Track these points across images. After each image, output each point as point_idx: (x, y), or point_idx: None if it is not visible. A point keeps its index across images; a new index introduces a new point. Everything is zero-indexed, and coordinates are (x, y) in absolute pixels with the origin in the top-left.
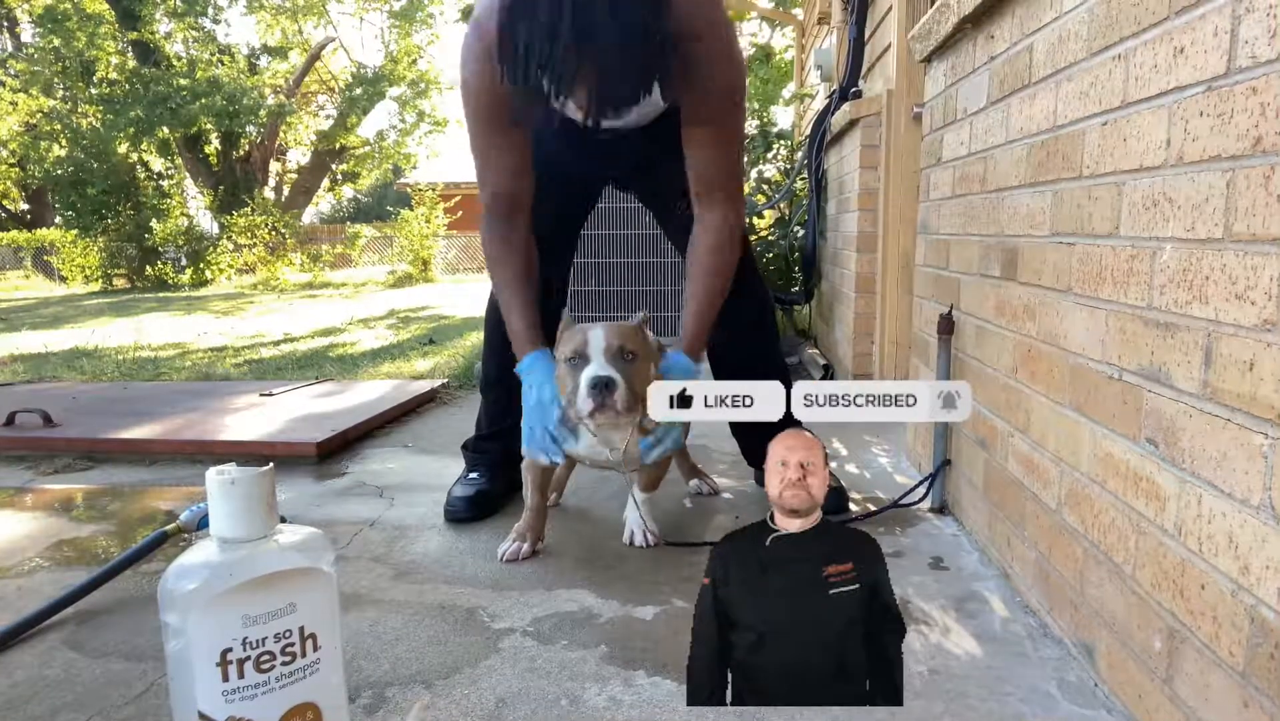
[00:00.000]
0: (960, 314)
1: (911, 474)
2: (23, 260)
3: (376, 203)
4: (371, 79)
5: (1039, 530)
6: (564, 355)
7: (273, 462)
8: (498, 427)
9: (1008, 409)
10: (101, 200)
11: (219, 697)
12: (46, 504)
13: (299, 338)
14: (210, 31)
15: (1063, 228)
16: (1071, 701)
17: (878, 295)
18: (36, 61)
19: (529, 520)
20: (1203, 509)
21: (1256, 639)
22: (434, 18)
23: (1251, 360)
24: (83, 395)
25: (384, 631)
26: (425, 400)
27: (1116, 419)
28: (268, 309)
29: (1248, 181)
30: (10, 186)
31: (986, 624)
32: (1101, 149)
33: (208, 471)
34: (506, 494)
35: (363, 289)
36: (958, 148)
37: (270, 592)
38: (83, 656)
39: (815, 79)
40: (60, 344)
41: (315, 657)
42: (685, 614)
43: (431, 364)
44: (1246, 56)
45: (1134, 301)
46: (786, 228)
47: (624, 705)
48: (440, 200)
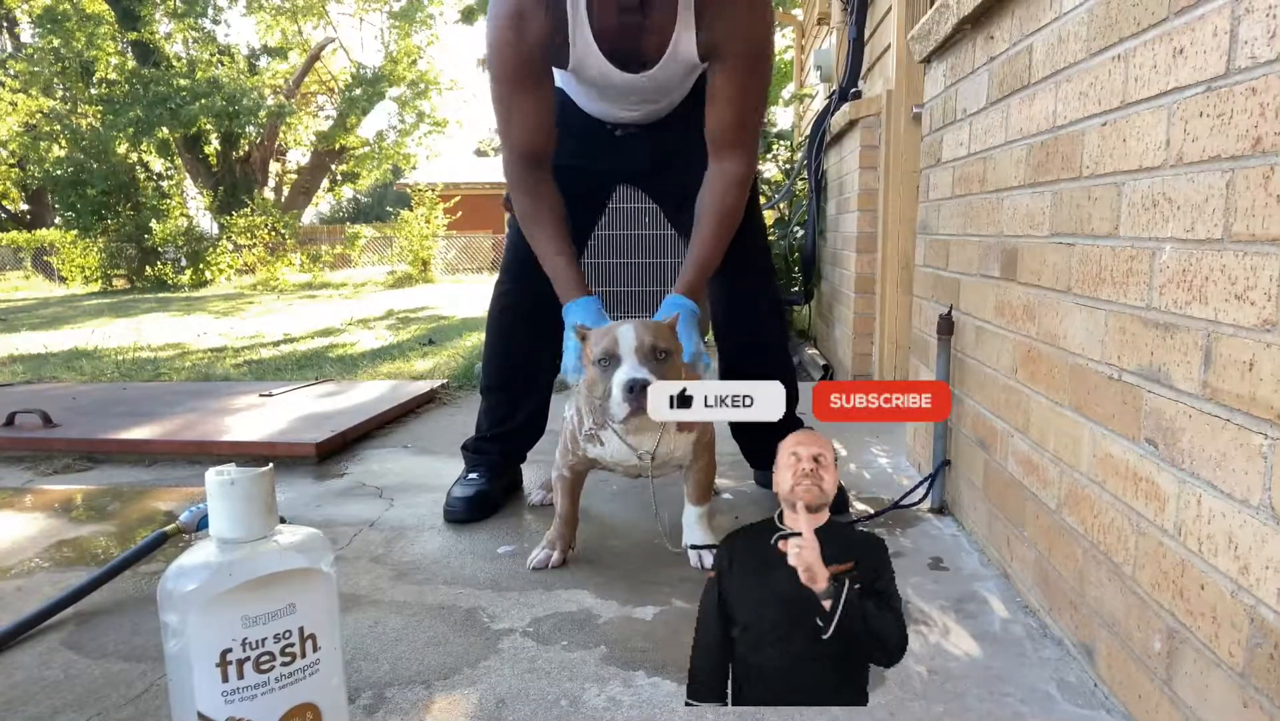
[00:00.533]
0: (960, 314)
1: (911, 474)
2: (22, 261)
3: (376, 203)
4: (371, 79)
5: (1038, 530)
6: (595, 356)
7: (272, 463)
8: (498, 430)
9: (1007, 409)
10: (101, 201)
11: (218, 698)
12: (46, 504)
13: (298, 338)
14: (210, 32)
15: (1062, 228)
16: (1071, 702)
17: (877, 295)
18: (36, 62)
19: (560, 528)
20: (1202, 509)
21: (1256, 639)
22: (433, 18)
23: (1251, 360)
24: (82, 396)
25: (383, 632)
26: (425, 400)
27: (1116, 419)
28: (267, 309)
29: (1247, 182)
30: (10, 187)
31: (986, 624)
32: (1101, 149)
33: (207, 472)
34: (506, 494)
35: (362, 289)
36: (957, 148)
37: (270, 593)
38: (82, 657)
39: (815, 79)
40: (60, 344)
41: (315, 658)
42: (685, 614)
43: (431, 364)
44: (1246, 57)
45: (1133, 302)
46: (786, 228)
47: (624, 705)
48: (440, 201)
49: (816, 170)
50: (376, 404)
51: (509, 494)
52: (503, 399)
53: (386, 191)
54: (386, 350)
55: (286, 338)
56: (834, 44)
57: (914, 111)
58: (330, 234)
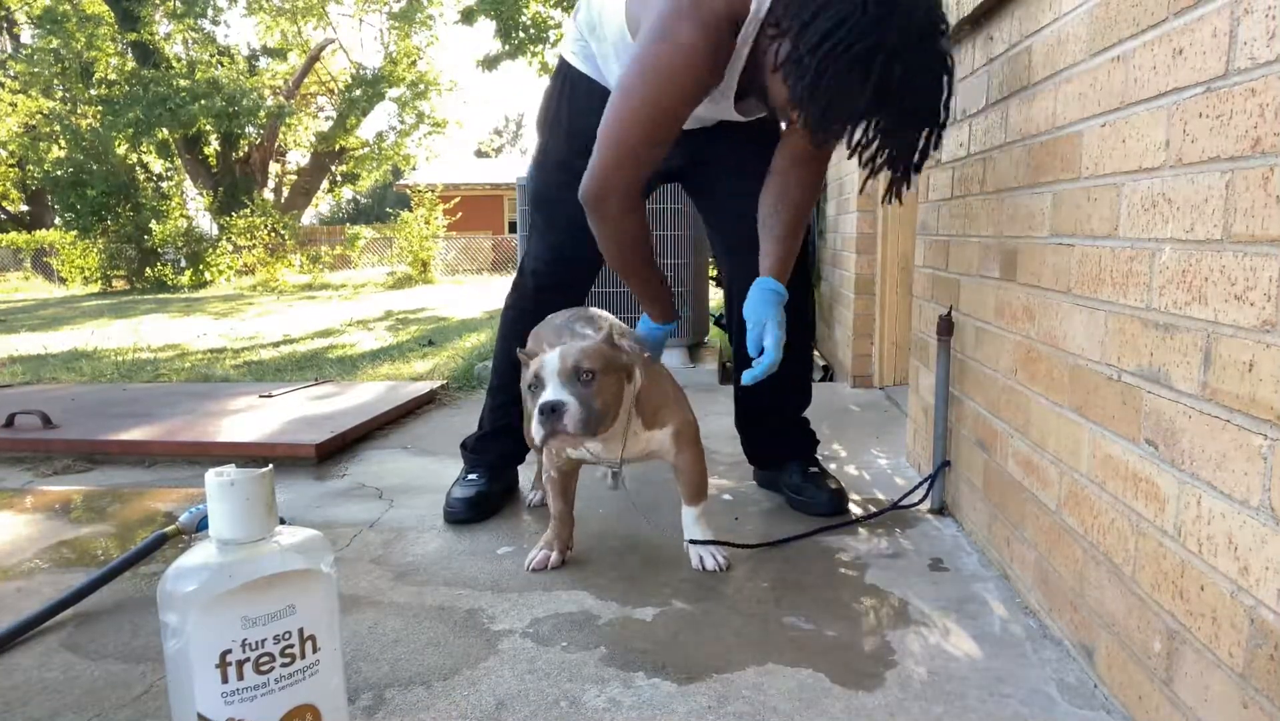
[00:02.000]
0: (960, 315)
1: (911, 475)
2: (22, 261)
3: (376, 204)
4: (371, 80)
5: (1038, 531)
6: (526, 381)
7: (272, 464)
8: (499, 424)
9: (1007, 410)
10: (101, 201)
11: (218, 699)
12: (46, 505)
13: (298, 339)
14: (210, 33)
15: (1062, 229)
16: (1071, 702)
17: (877, 296)
18: (36, 63)
19: (556, 529)
20: (1202, 510)
21: (1256, 640)
22: (433, 19)
23: (1251, 361)
24: (82, 397)
25: (383, 633)
26: (424, 401)
27: (1116, 420)
28: (267, 310)
29: (1246, 182)
30: (10, 188)
31: (986, 625)
32: (1100, 150)
33: (207, 473)
34: (505, 495)
35: (362, 290)
36: (957, 149)
37: (269, 594)
38: (82, 658)
39: None
40: (59, 345)
41: (315, 659)
42: (685, 615)
43: (430, 365)
44: (1245, 58)
45: (1133, 302)
46: None
47: (623, 706)
48: (439, 201)
49: None
50: (376, 405)
51: (507, 495)
52: (506, 399)
53: (386, 192)
54: (386, 351)
55: (286, 338)
56: None
57: None
58: (330, 235)
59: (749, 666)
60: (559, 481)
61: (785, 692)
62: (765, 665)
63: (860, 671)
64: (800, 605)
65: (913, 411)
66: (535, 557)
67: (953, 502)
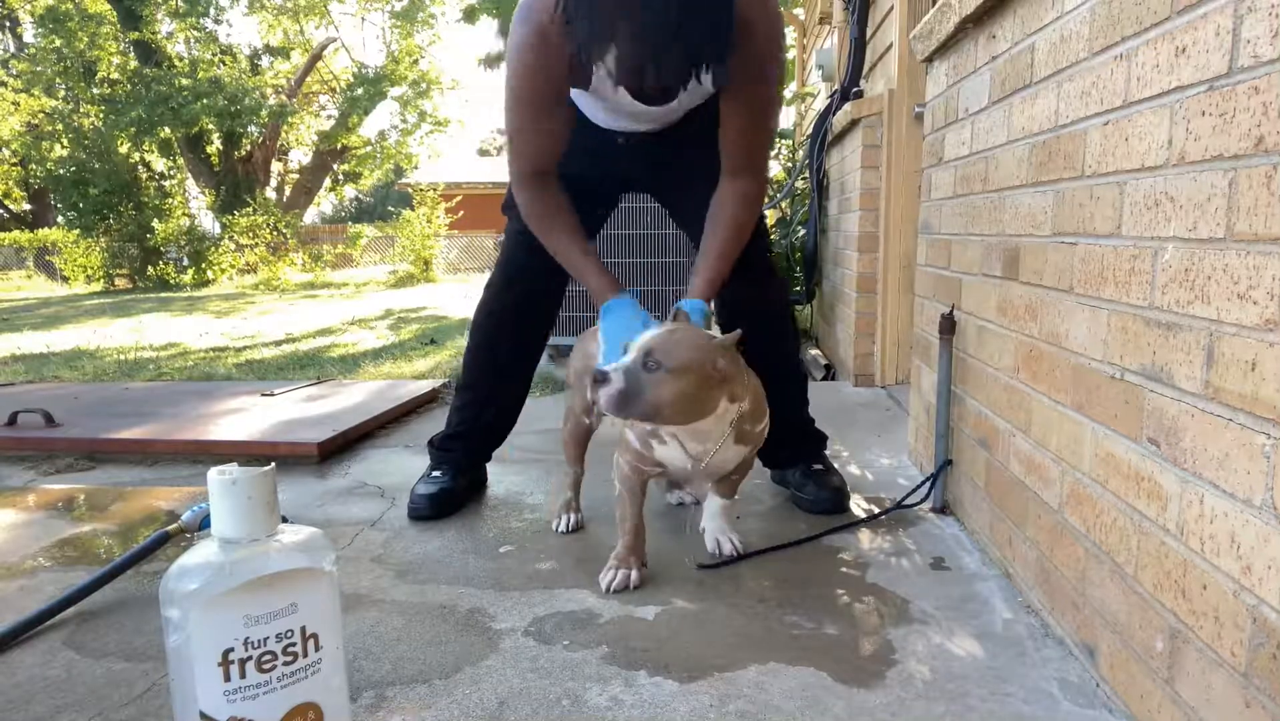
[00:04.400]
0: (962, 314)
1: (913, 474)
2: (25, 260)
3: (378, 203)
4: (373, 79)
5: (1040, 530)
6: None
7: (274, 463)
8: (464, 428)
9: (1009, 409)
10: (103, 200)
11: (220, 697)
12: (48, 504)
13: (300, 337)
14: (212, 32)
15: (1064, 227)
16: (1073, 701)
17: (879, 295)
18: (38, 61)
19: (630, 542)
20: (1204, 509)
21: (1258, 639)
22: (435, 18)
23: (1253, 360)
24: (84, 395)
25: (385, 631)
26: (426, 400)
27: (1118, 419)
28: (269, 309)
29: (1249, 181)
30: (12, 187)
31: (988, 624)
32: (1103, 148)
33: (209, 471)
34: (469, 493)
35: (364, 289)
36: (959, 147)
37: (272, 592)
38: (84, 656)
39: (816, 79)
40: (62, 344)
41: (317, 657)
42: (686, 614)
43: (432, 364)
44: (1248, 56)
45: (1136, 301)
46: (788, 227)
47: (625, 705)
48: (441, 200)
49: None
50: (378, 403)
51: (474, 492)
52: (474, 398)
53: (388, 191)
54: (388, 350)
55: (288, 337)
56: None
57: (916, 111)
58: (332, 233)
59: (751, 665)
60: (638, 485)
61: (787, 691)
62: (767, 664)
63: (862, 670)
64: (802, 604)
65: (914, 410)
66: (615, 579)
67: (954, 501)
